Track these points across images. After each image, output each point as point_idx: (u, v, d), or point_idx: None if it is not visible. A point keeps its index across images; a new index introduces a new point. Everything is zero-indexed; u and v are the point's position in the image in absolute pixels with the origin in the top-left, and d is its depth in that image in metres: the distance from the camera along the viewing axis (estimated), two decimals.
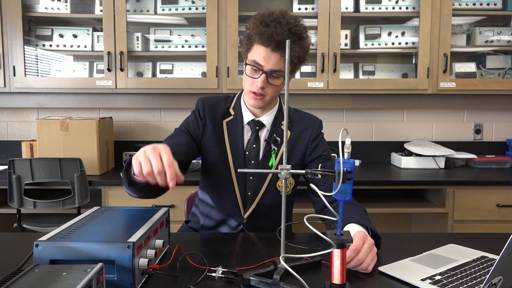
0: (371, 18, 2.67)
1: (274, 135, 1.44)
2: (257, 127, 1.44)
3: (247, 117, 1.45)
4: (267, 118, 1.45)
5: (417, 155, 2.67)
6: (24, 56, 2.55)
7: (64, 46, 2.67)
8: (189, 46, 2.66)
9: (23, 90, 2.59)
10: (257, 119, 1.45)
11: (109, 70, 2.54)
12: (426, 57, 2.56)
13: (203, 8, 2.57)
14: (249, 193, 1.44)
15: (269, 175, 1.44)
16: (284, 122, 0.92)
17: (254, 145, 1.44)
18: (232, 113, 1.47)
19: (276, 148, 1.43)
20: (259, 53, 1.30)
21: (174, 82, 2.58)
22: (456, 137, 2.95)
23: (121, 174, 1.18)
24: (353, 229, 1.12)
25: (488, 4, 2.58)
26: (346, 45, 2.63)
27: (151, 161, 0.98)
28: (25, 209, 2.27)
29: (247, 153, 1.44)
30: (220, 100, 1.49)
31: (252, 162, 1.44)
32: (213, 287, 0.94)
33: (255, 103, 1.37)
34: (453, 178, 2.39)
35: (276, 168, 0.92)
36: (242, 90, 1.49)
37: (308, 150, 1.46)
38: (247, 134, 1.46)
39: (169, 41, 2.67)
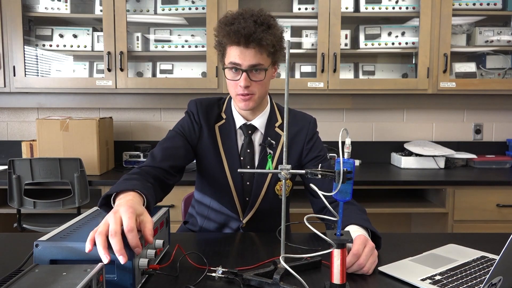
0: (371, 18, 2.67)
1: (269, 138, 1.41)
2: (250, 131, 1.42)
3: (239, 121, 1.42)
4: (259, 121, 1.42)
5: (417, 155, 2.67)
6: (24, 56, 2.55)
7: (64, 46, 2.67)
8: (189, 46, 2.66)
9: (23, 90, 2.59)
10: (248, 123, 1.42)
11: (109, 70, 2.54)
12: (426, 57, 2.56)
13: (203, 8, 2.57)
14: (247, 199, 1.43)
15: (267, 180, 1.42)
16: (285, 122, 0.92)
17: (248, 150, 1.42)
18: (224, 117, 1.43)
19: (272, 152, 1.41)
20: (233, 53, 1.28)
21: (174, 82, 2.58)
22: (456, 137, 2.95)
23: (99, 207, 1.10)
24: (353, 231, 1.11)
25: (488, 4, 2.58)
26: (346, 45, 2.63)
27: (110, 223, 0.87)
28: (25, 209, 2.26)
29: (242, 158, 1.42)
30: (213, 103, 1.46)
31: (248, 167, 1.42)
32: (213, 287, 0.94)
33: (245, 104, 1.33)
34: (453, 178, 2.39)
35: (275, 169, 0.91)
36: None
37: (304, 152, 1.45)
38: (241, 139, 1.43)
39: (169, 41, 2.67)
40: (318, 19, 2.53)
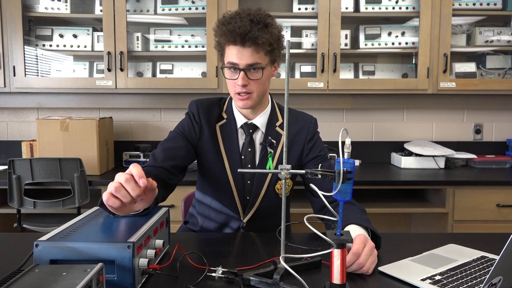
0: (371, 18, 2.67)
1: (269, 137, 1.42)
2: (251, 130, 1.42)
3: (240, 120, 1.43)
4: (260, 120, 1.43)
5: (417, 155, 2.67)
6: (24, 56, 2.54)
7: (64, 46, 2.67)
8: (189, 46, 2.66)
9: (23, 90, 2.59)
10: (249, 121, 1.43)
11: (109, 70, 2.54)
12: (426, 57, 2.56)
13: (203, 8, 2.57)
14: (248, 198, 1.43)
15: (267, 179, 1.42)
16: (285, 122, 0.92)
17: (249, 149, 1.42)
18: (225, 116, 1.44)
19: (272, 151, 1.42)
20: (230, 52, 1.30)
21: (174, 82, 2.58)
22: (456, 137, 2.95)
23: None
24: (353, 231, 1.12)
25: (488, 4, 2.58)
26: (346, 45, 2.63)
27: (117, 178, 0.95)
28: (25, 209, 2.26)
29: (243, 157, 1.42)
30: (214, 103, 1.47)
31: (249, 166, 1.42)
32: (213, 287, 0.94)
33: (244, 103, 1.34)
34: (453, 178, 2.39)
35: (275, 169, 0.91)
36: None
37: (305, 151, 1.45)
38: (242, 138, 1.44)
39: (169, 41, 2.67)
40: (318, 19, 2.53)
